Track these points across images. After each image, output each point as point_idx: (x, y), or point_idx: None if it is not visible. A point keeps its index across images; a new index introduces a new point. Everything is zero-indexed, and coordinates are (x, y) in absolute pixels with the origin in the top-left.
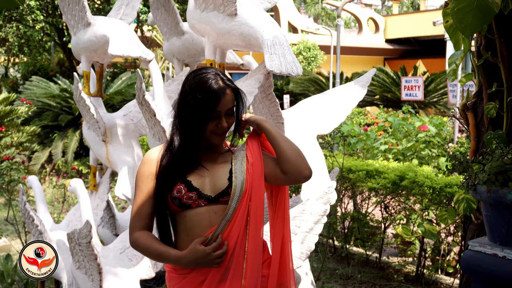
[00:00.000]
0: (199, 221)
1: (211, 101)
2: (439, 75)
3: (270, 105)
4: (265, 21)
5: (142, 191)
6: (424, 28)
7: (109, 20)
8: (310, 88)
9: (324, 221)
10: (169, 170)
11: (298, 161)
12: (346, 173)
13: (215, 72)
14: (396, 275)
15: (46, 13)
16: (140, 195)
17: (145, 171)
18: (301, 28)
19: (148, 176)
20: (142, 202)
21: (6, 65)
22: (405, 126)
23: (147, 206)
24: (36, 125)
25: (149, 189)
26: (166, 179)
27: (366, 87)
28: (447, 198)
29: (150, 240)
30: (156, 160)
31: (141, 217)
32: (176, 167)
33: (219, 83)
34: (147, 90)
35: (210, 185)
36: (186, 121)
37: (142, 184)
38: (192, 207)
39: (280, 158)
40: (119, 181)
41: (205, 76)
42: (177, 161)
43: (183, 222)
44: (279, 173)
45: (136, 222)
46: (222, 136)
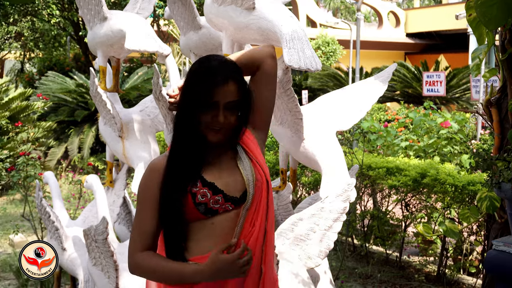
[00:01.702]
0: (230, 228)
1: (207, 86)
2: (461, 70)
3: (288, 100)
4: (283, 15)
5: (146, 206)
6: (446, 22)
7: (125, 15)
8: (329, 83)
9: (343, 219)
10: (181, 171)
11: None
12: (366, 170)
13: (223, 60)
14: (417, 275)
15: (62, 7)
16: (144, 211)
17: (148, 184)
18: (320, 22)
19: (152, 189)
20: (146, 219)
21: (22, 60)
22: (426, 122)
23: (151, 223)
24: (52, 120)
25: (154, 203)
26: (179, 182)
27: (387, 83)
28: (470, 196)
29: (158, 259)
30: (161, 169)
31: (144, 236)
32: (189, 166)
33: (222, 70)
34: (164, 85)
35: (233, 186)
36: (181, 111)
37: (146, 199)
38: (220, 212)
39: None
40: (136, 177)
41: (209, 61)
42: (188, 159)
43: (208, 230)
44: (258, 82)
45: (139, 242)
46: (218, 133)
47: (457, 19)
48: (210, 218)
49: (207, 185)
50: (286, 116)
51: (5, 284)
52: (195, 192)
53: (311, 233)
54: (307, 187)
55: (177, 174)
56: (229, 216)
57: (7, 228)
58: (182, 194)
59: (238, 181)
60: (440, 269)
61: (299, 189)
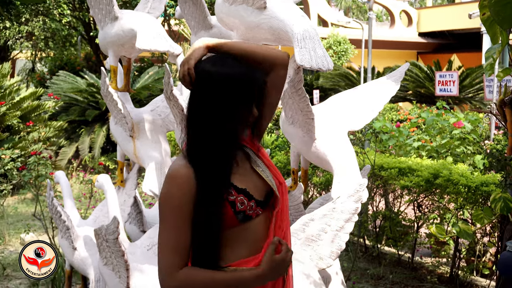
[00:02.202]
0: (262, 231)
1: (252, 81)
2: (474, 69)
3: (299, 100)
4: (295, 15)
5: (179, 220)
6: (459, 21)
7: (136, 14)
8: (340, 83)
9: (355, 219)
10: (217, 181)
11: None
12: (378, 171)
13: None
14: (429, 276)
15: (73, 7)
16: (177, 226)
17: (177, 196)
18: (331, 21)
19: (182, 201)
20: (182, 233)
21: (33, 60)
22: (439, 122)
23: (187, 237)
24: (63, 120)
25: (187, 216)
26: (217, 193)
27: (399, 82)
28: (483, 197)
29: (204, 272)
30: (188, 180)
31: (183, 251)
32: (224, 174)
33: (252, 72)
34: (175, 85)
35: (257, 189)
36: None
37: (177, 212)
38: (253, 217)
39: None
40: (147, 177)
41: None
42: (222, 167)
43: (242, 236)
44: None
45: (178, 259)
46: (248, 129)
47: (470, 18)
48: (244, 224)
49: (241, 192)
50: (297, 116)
51: (16, 284)
52: (232, 201)
53: (322, 234)
54: (318, 187)
55: (214, 185)
56: (260, 220)
57: (18, 227)
58: (221, 205)
59: (259, 185)
60: (453, 271)
61: (310, 189)
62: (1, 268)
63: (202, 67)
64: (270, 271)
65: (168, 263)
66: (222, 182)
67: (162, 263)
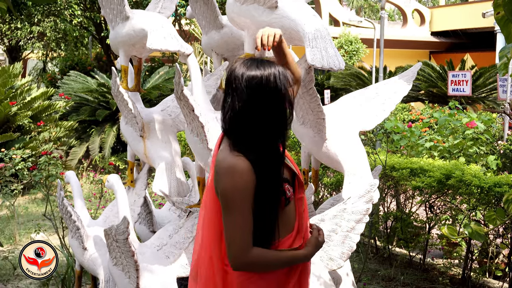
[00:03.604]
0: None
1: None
2: (488, 69)
3: (310, 100)
4: (306, 14)
5: (245, 207)
6: (473, 20)
7: (147, 14)
8: (351, 82)
9: (366, 220)
10: (278, 172)
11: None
12: (389, 171)
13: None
14: (441, 278)
15: (84, 7)
16: (245, 211)
17: (243, 186)
18: (343, 20)
19: (248, 191)
20: (249, 218)
21: (44, 60)
22: (451, 122)
23: (251, 221)
24: (74, 120)
25: (250, 202)
26: (279, 183)
27: (411, 82)
28: (496, 198)
29: (270, 252)
30: (249, 172)
31: (250, 233)
32: (279, 168)
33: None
34: (185, 85)
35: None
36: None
37: (243, 200)
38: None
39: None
40: (157, 177)
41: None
42: (278, 162)
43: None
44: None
45: (248, 240)
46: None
47: (483, 17)
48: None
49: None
50: (308, 116)
51: (27, 283)
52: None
53: (333, 235)
54: (329, 188)
55: (274, 178)
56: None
57: (29, 227)
58: (280, 194)
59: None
60: (465, 272)
61: (321, 189)
62: (12, 267)
63: (252, 74)
64: (313, 250)
65: (243, 244)
66: (280, 175)
67: (236, 244)
